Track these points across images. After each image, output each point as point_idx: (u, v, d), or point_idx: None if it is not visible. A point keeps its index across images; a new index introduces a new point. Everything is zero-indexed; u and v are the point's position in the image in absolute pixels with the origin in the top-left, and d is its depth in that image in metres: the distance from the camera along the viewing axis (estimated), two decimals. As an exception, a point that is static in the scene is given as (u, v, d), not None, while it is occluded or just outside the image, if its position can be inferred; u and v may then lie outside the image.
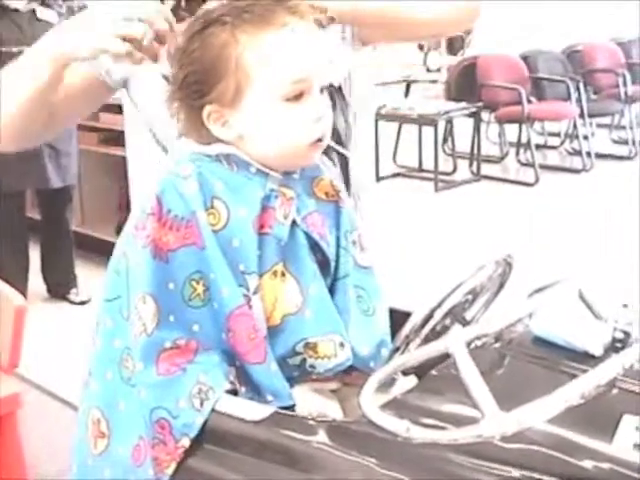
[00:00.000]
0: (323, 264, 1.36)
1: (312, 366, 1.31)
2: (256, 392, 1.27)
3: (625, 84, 7.72)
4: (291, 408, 1.28)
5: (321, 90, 1.29)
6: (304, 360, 1.31)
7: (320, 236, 1.35)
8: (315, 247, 1.35)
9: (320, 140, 1.30)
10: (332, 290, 1.38)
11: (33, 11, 4.04)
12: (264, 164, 1.31)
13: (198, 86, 1.26)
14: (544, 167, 7.31)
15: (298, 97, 1.26)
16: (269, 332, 1.28)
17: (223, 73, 1.24)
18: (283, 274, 1.30)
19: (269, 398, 1.27)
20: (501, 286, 1.42)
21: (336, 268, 1.39)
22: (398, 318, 1.41)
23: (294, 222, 1.32)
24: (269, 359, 1.27)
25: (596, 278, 1.37)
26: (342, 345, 1.32)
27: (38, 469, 2.64)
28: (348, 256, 1.39)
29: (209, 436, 1.20)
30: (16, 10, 4.00)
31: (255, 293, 1.27)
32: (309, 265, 1.33)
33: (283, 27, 1.24)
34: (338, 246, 1.40)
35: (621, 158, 7.70)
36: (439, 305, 1.29)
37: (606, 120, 8.37)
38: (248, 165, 1.30)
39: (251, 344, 1.26)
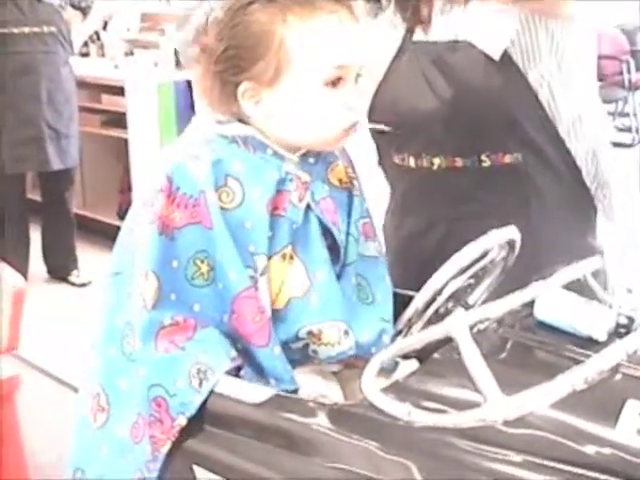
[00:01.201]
0: (333, 250, 1.36)
1: (315, 351, 1.31)
2: (259, 374, 1.27)
3: (629, 71, 7.70)
4: (293, 392, 1.27)
5: (355, 80, 1.29)
6: (306, 345, 1.31)
7: (332, 222, 1.35)
8: (326, 233, 1.35)
9: (352, 128, 1.31)
10: (339, 275, 1.38)
11: (34, -8, 4.02)
12: (286, 145, 1.31)
13: (237, 61, 1.26)
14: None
15: (335, 83, 1.26)
16: (273, 315, 1.28)
17: (265, 51, 1.24)
18: (291, 257, 1.30)
19: (272, 382, 1.26)
20: (504, 270, 1.42)
21: (345, 253, 1.39)
22: (401, 301, 1.41)
23: (308, 206, 1.32)
24: (273, 342, 1.26)
25: (599, 265, 1.35)
26: (347, 333, 1.32)
27: (37, 450, 2.64)
28: (355, 243, 1.40)
29: (209, 418, 1.20)
30: (17, -9, 3.98)
31: (262, 274, 1.26)
32: (319, 250, 1.33)
33: (331, 14, 1.24)
34: (348, 233, 1.40)
35: (624, 145, 7.69)
36: (442, 288, 1.29)
37: (610, 107, 8.34)
38: (265, 147, 1.30)
39: (255, 326, 1.25)
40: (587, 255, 1.36)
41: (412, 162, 1.61)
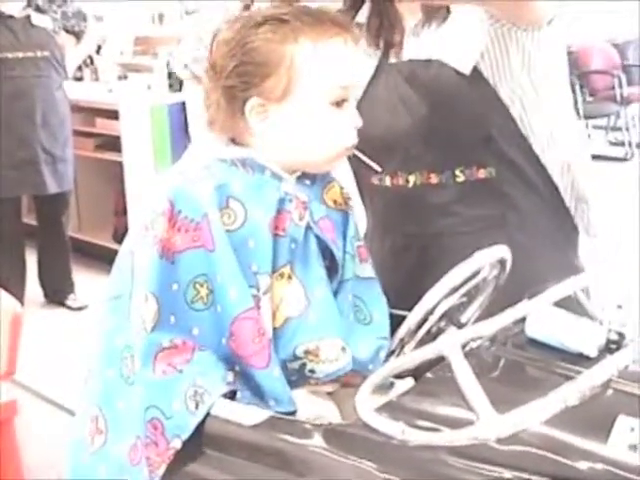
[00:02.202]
0: (331, 268, 1.38)
1: (312, 371, 1.32)
2: (258, 397, 1.27)
3: (621, 86, 7.72)
4: (291, 413, 1.28)
5: None
6: (303, 365, 1.32)
7: (332, 240, 1.37)
8: (324, 251, 1.36)
9: (352, 147, 1.35)
10: (336, 291, 1.39)
11: (28, 17, 4.04)
12: (283, 167, 1.33)
13: (248, 77, 1.29)
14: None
15: (340, 104, 1.31)
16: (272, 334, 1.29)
17: (276, 68, 1.27)
18: (289, 276, 1.32)
19: (271, 403, 1.27)
20: (496, 288, 1.43)
21: (342, 272, 1.41)
22: (393, 321, 1.42)
23: (307, 226, 1.34)
24: (273, 364, 1.27)
25: (592, 280, 1.37)
26: (344, 349, 1.33)
27: (36, 475, 2.64)
28: (352, 261, 1.41)
29: (206, 440, 1.21)
30: (11, 16, 4.00)
31: (265, 293, 1.28)
32: (317, 269, 1.35)
33: (338, 36, 1.30)
34: (344, 251, 1.41)
35: (617, 160, 7.70)
36: (434, 308, 1.29)
37: (602, 122, 8.38)
38: (263, 169, 1.32)
39: (255, 348, 1.26)
40: (568, 270, 1.37)
41: (388, 181, 1.62)
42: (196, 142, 1.38)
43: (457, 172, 1.59)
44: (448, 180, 1.58)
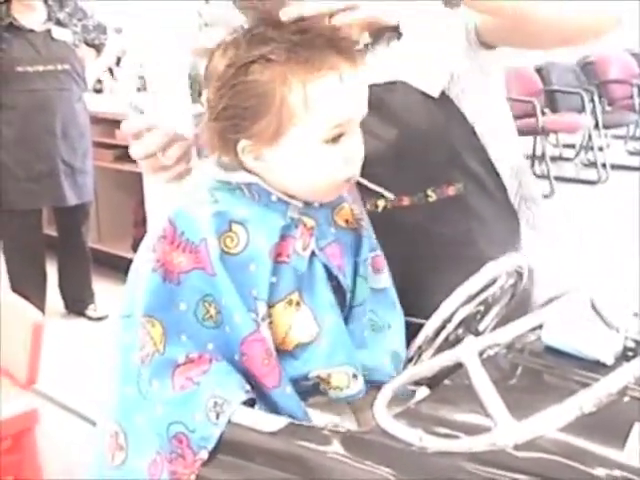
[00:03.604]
0: (339, 293, 1.37)
1: (325, 389, 1.33)
2: (272, 412, 1.27)
3: (639, 95, 7.71)
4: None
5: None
6: (317, 383, 1.33)
7: (338, 268, 1.36)
8: (333, 276, 1.36)
9: (350, 180, 1.32)
10: (347, 317, 1.39)
11: (48, 31, 4.08)
12: (287, 194, 1.31)
13: (237, 120, 1.25)
14: (559, 179, 7.31)
15: (336, 139, 1.26)
16: (283, 356, 1.29)
17: (266, 111, 1.23)
18: (298, 303, 1.31)
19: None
20: (512, 297, 1.43)
21: (352, 296, 1.40)
22: (411, 329, 1.42)
23: (313, 253, 1.33)
24: (284, 382, 1.28)
25: (610, 288, 1.37)
26: (355, 377, 1.33)
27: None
28: (365, 284, 1.41)
29: (225, 447, 1.21)
30: (32, 30, 4.05)
31: (264, 320, 1.27)
32: (326, 295, 1.33)
33: (331, 71, 1.23)
34: (355, 274, 1.41)
35: (637, 169, 7.68)
36: (451, 316, 1.30)
37: (621, 131, 8.37)
38: (269, 194, 1.31)
39: (266, 369, 1.26)
40: None
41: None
42: (205, 160, 1.37)
43: (429, 192, 1.60)
44: (420, 200, 1.59)
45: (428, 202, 1.59)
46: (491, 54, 1.62)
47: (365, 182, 1.38)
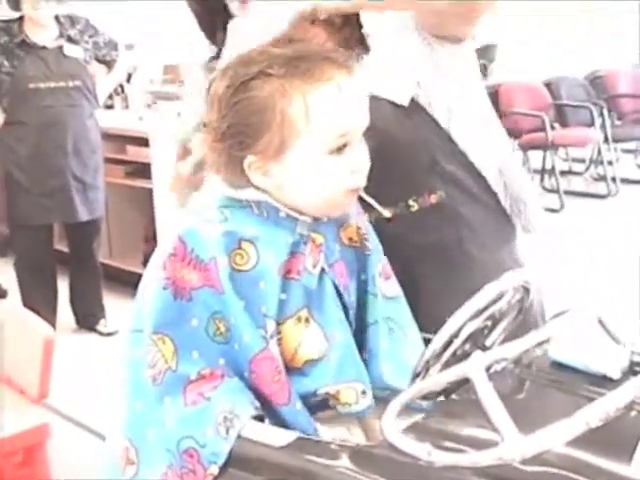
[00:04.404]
0: (347, 310, 1.39)
1: (334, 405, 1.33)
2: (282, 427, 1.28)
3: (650, 109, 7.71)
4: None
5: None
6: (326, 399, 1.33)
7: (344, 287, 1.38)
8: (340, 293, 1.37)
9: (356, 191, 1.33)
10: (364, 337, 1.41)
11: (60, 48, 4.10)
12: (296, 210, 1.32)
13: (242, 137, 1.26)
14: (569, 193, 7.30)
15: (341, 149, 1.27)
16: (292, 373, 1.30)
17: (268, 126, 1.24)
18: (307, 320, 1.32)
19: None
20: (520, 312, 1.44)
21: (365, 314, 1.42)
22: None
23: (322, 269, 1.34)
24: (294, 399, 1.29)
25: (619, 303, 1.38)
26: (364, 393, 1.34)
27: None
28: (376, 303, 1.42)
29: (234, 461, 1.22)
30: (44, 47, 4.07)
31: (272, 337, 1.28)
32: (335, 312, 1.35)
33: (329, 81, 1.24)
34: (366, 292, 1.42)
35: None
36: (459, 330, 1.31)
37: (631, 145, 8.36)
38: (278, 211, 1.32)
39: (276, 386, 1.28)
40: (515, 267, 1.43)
41: None
42: (214, 179, 1.38)
43: (410, 202, 1.60)
44: (402, 211, 1.60)
45: (411, 212, 1.60)
46: (449, 49, 1.63)
47: (366, 197, 1.39)
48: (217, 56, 1.90)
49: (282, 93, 1.23)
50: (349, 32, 1.41)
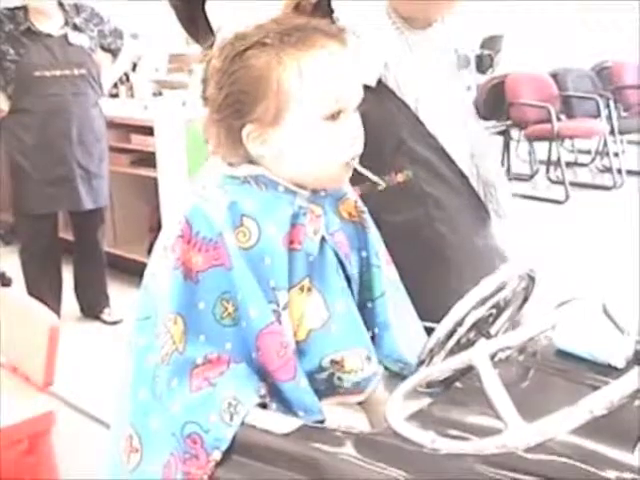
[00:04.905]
0: (350, 281, 1.39)
1: (339, 379, 1.34)
2: (287, 407, 1.29)
3: (655, 100, 7.69)
4: (320, 422, 1.30)
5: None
6: (331, 374, 1.34)
7: (345, 255, 1.39)
8: (342, 263, 1.38)
9: (354, 159, 1.34)
10: (372, 311, 1.42)
11: (65, 36, 4.11)
12: (295, 183, 1.33)
13: (239, 106, 1.29)
14: (574, 184, 7.29)
15: (336, 116, 1.29)
16: (296, 348, 1.31)
17: (265, 93, 1.27)
18: (309, 289, 1.33)
19: (300, 414, 1.29)
20: (525, 300, 1.44)
21: (369, 288, 1.43)
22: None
23: (322, 238, 1.35)
24: (299, 375, 1.29)
25: (624, 294, 1.38)
26: (369, 358, 1.35)
27: (72, 485, 2.67)
28: (381, 275, 1.43)
29: (238, 448, 1.22)
30: (49, 35, 4.07)
31: (285, 309, 1.29)
32: (336, 280, 1.36)
33: (322, 48, 1.28)
34: (370, 265, 1.43)
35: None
36: (463, 319, 1.31)
37: (637, 137, 8.33)
38: (276, 184, 1.33)
39: (280, 361, 1.28)
40: (490, 253, 1.50)
41: None
42: (211, 158, 1.39)
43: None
44: (370, 189, 1.59)
45: (378, 190, 1.60)
46: (419, 34, 1.65)
47: (359, 167, 1.40)
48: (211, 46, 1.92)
49: (278, 61, 1.27)
50: (320, 16, 1.42)
